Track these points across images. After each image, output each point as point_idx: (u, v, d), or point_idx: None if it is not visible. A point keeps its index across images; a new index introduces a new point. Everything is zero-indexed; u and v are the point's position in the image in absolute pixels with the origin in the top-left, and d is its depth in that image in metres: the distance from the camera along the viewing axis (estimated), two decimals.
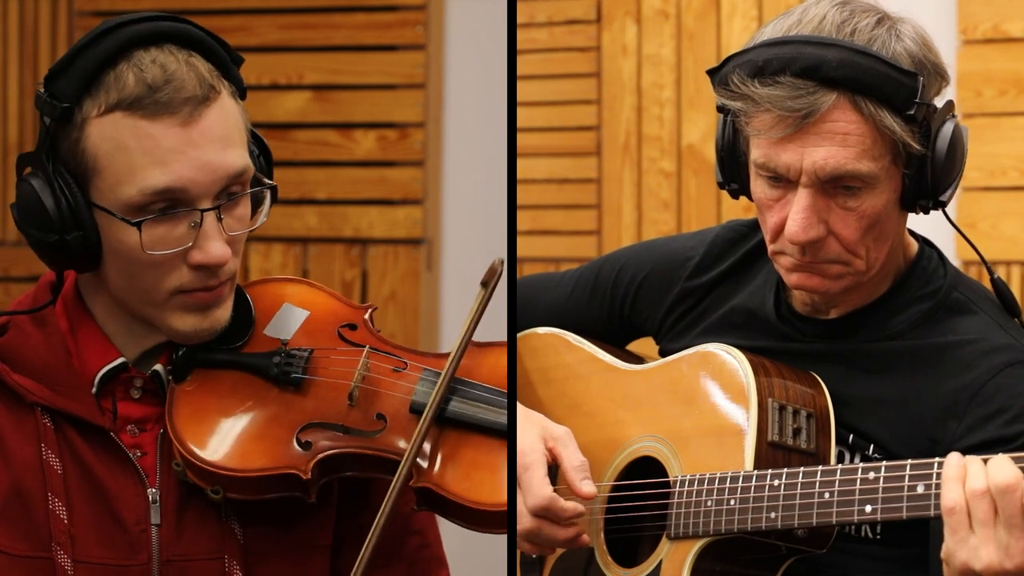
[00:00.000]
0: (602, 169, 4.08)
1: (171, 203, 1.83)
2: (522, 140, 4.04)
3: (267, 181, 1.93)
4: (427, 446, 1.87)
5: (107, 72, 1.83)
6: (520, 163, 3.97)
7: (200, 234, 1.84)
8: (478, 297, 1.88)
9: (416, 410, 1.88)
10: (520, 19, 4.07)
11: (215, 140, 1.84)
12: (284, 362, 1.92)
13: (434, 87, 3.97)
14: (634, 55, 4.04)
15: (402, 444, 1.86)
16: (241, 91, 1.91)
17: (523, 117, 4.04)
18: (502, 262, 1.90)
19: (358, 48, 4.00)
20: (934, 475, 1.83)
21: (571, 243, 4.09)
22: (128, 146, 1.82)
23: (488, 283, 1.88)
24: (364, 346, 1.95)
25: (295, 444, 1.87)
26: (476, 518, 1.85)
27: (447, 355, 1.90)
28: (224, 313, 1.92)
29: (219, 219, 1.85)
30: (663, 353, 2.26)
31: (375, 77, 4.00)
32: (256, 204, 1.93)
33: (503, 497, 1.84)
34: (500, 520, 1.85)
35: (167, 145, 1.82)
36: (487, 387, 1.91)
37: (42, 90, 1.85)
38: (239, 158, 1.87)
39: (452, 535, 2.02)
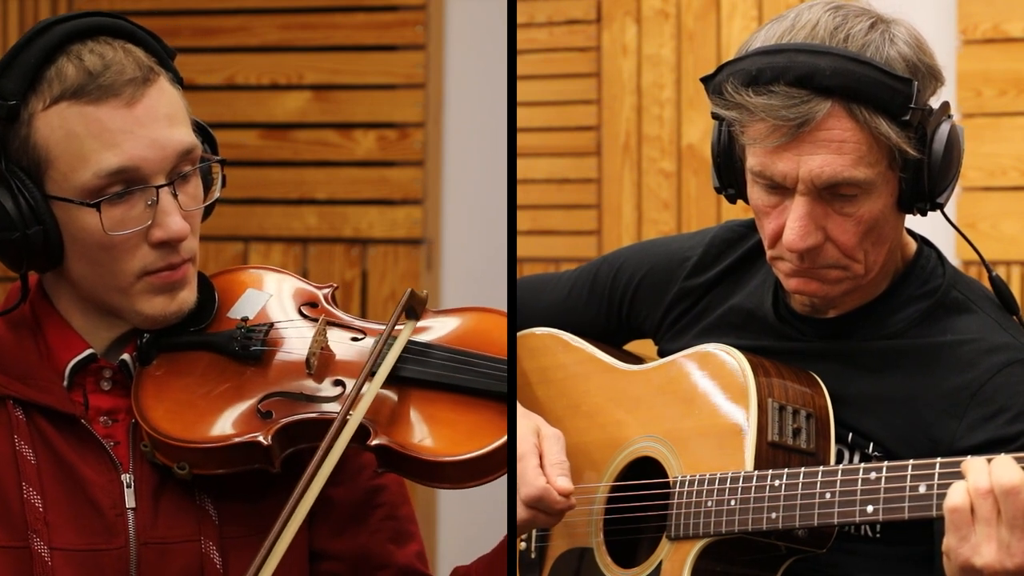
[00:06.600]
0: (602, 169, 4.08)
1: (126, 183, 1.88)
2: (522, 140, 4.04)
3: (215, 157, 1.97)
4: (384, 406, 1.90)
5: (47, 67, 1.88)
6: (520, 163, 3.97)
7: (158, 211, 1.89)
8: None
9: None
10: (520, 19, 4.07)
11: (161, 118, 1.89)
12: (244, 336, 1.96)
13: (434, 87, 3.97)
14: (634, 55, 4.04)
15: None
16: (179, 80, 1.95)
17: (523, 117, 4.03)
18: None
19: (358, 48, 4.01)
20: (936, 475, 1.83)
21: (571, 243, 4.09)
22: (77, 133, 1.86)
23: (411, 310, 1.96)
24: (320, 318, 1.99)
25: (256, 414, 1.90)
26: (434, 472, 1.86)
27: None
28: (190, 295, 1.96)
29: (174, 195, 1.90)
30: (662, 353, 2.26)
31: (375, 77, 4.00)
32: (207, 186, 1.98)
33: (462, 449, 1.85)
34: (459, 474, 1.85)
35: (115, 127, 1.86)
36: (445, 347, 1.94)
37: None
38: (186, 135, 1.92)
39: (453, 535, 2.02)
